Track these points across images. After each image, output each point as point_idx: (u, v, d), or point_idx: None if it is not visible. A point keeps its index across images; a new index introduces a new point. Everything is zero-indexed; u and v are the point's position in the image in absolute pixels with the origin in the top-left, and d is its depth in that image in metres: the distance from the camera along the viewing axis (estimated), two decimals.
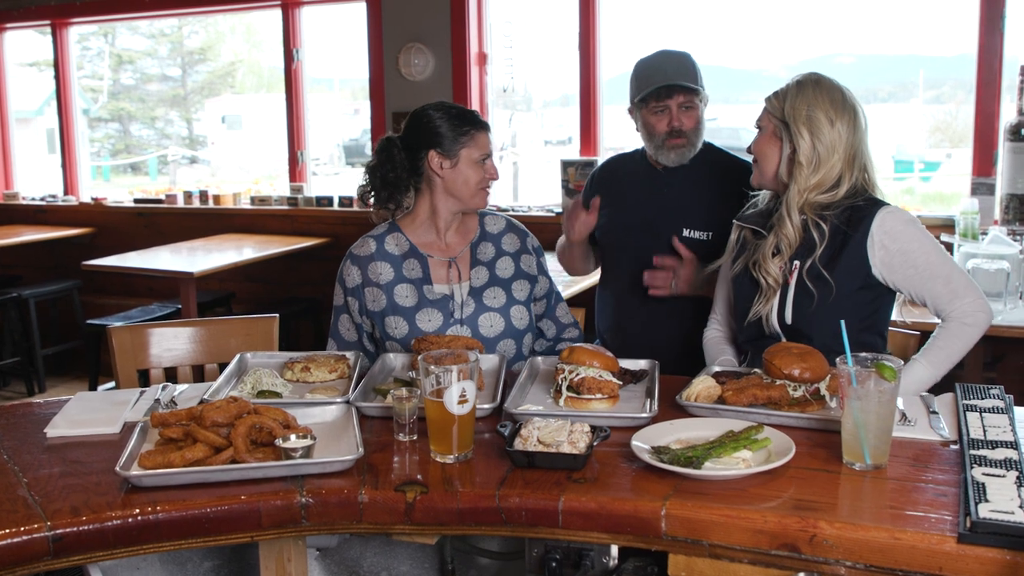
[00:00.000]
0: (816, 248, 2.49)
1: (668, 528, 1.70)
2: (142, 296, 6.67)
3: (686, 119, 3.07)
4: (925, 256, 2.46)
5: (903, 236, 2.46)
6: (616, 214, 3.25)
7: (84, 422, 2.20)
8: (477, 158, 2.78)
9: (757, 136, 2.62)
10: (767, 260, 2.54)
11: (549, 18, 6.22)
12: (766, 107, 2.59)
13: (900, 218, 2.48)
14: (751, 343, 2.65)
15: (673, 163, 3.13)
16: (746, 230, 2.69)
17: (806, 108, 2.49)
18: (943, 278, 2.46)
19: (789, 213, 2.51)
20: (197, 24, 10.70)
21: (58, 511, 1.74)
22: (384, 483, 1.85)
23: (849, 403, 1.82)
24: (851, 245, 2.47)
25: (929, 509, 1.64)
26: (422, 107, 2.84)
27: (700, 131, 3.13)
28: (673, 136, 3.08)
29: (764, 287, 2.55)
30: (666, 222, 3.14)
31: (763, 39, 7.16)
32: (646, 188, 3.22)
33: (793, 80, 2.58)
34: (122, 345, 2.98)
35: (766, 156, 2.58)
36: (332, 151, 10.62)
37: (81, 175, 7.32)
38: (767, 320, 2.55)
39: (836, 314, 2.44)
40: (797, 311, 2.51)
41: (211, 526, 1.79)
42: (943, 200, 8.23)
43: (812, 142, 2.48)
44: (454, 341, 2.47)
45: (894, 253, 2.45)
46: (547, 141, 8.01)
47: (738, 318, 2.71)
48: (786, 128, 2.52)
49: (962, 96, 8.46)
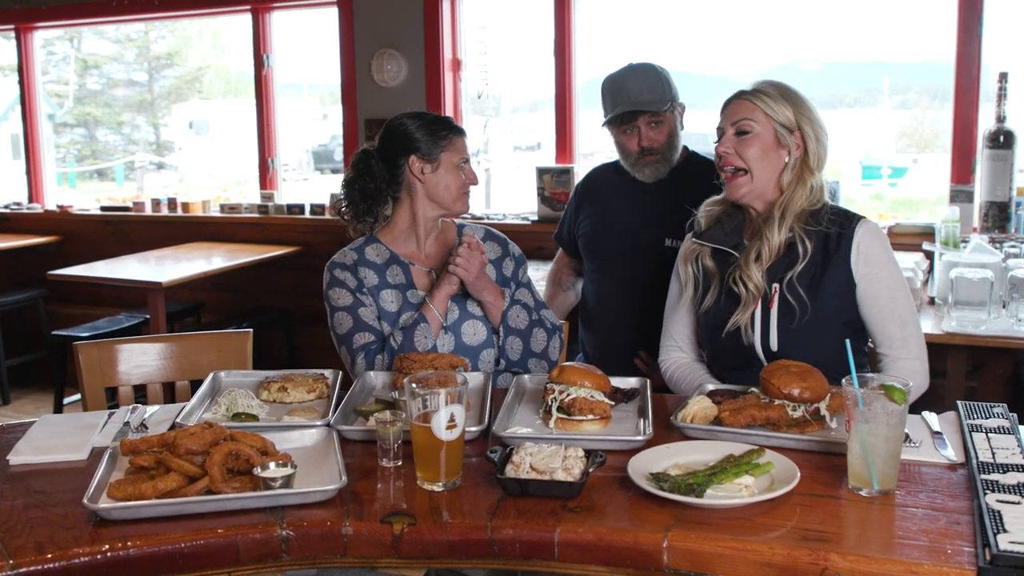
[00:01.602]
0: (797, 264, 2.42)
1: (670, 561, 1.62)
2: (110, 306, 6.51)
3: (656, 135, 3.06)
4: (891, 291, 2.43)
5: (876, 261, 2.43)
6: (599, 224, 3.20)
7: (49, 448, 2.09)
8: (456, 162, 2.75)
9: (745, 141, 2.47)
10: (749, 267, 2.46)
11: (523, 23, 6.15)
12: (760, 108, 2.46)
13: (878, 239, 2.45)
14: (731, 371, 2.56)
15: (649, 179, 3.11)
16: (705, 258, 2.59)
17: (807, 108, 2.45)
18: (900, 321, 2.43)
19: (783, 220, 2.44)
20: (164, 29, 10.54)
21: (21, 548, 1.64)
22: (369, 514, 1.76)
23: (855, 426, 1.75)
24: (835, 263, 2.41)
25: (944, 539, 1.57)
26: (396, 117, 2.81)
27: (675, 143, 3.10)
28: (645, 155, 3.06)
29: (744, 296, 2.47)
30: (649, 233, 3.10)
31: (729, 45, 7.15)
32: (628, 198, 3.18)
33: (767, 83, 2.51)
34: (89, 362, 2.86)
35: (765, 165, 2.48)
36: (301, 157, 10.49)
37: (46, 182, 7.15)
38: (746, 333, 2.46)
39: (825, 339, 2.38)
40: (783, 336, 2.44)
41: (185, 562, 1.68)
42: (912, 205, 8.25)
43: (818, 143, 2.43)
44: (438, 359, 2.38)
45: (862, 276, 2.41)
46: (516, 147, 7.94)
47: (713, 346, 2.62)
48: (791, 132, 2.45)
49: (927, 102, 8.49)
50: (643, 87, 3.04)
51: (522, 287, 2.88)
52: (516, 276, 2.89)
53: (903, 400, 1.74)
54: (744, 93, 2.52)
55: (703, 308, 2.60)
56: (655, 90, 3.04)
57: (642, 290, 3.10)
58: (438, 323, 2.66)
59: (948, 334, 3.63)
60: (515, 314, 2.75)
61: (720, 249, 2.57)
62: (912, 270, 4.05)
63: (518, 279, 2.89)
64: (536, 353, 2.75)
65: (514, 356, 2.73)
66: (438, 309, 2.67)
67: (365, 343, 2.64)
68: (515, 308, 2.76)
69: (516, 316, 2.75)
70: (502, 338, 2.72)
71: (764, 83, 2.53)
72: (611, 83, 3.11)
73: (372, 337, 2.65)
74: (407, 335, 2.61)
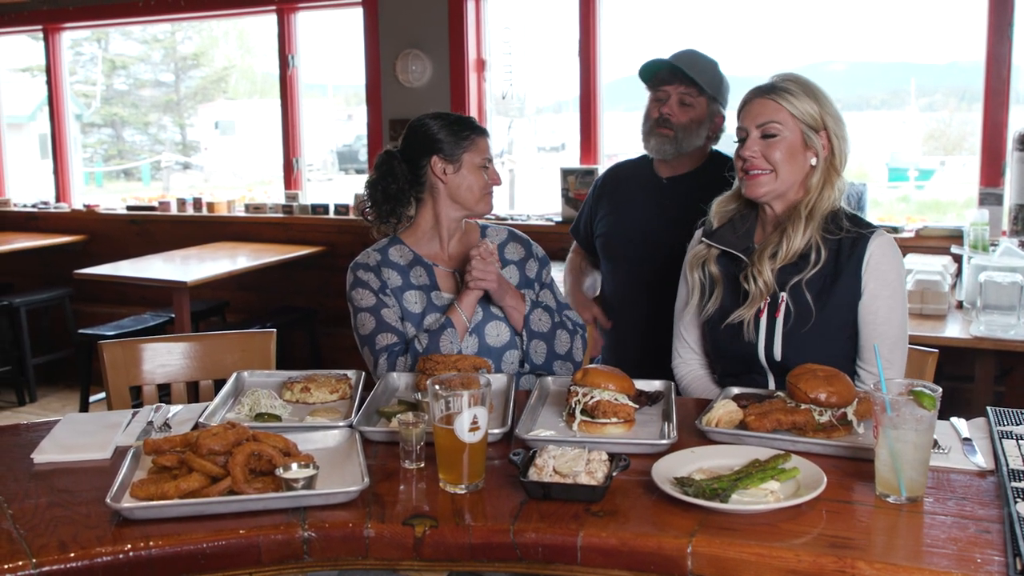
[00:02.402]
0: (807, 269, 2.38)
1: (695, 567, 1.60)
2: (135, 304, 6.55)
3: (680, 112, 3.03)
4: (889, 311, 2.39)
5: (884, 277, 2.38)
6: (617, 224, 3.17)
7: (73, 447, 2.09)
8: (479, 163, 2.74)
9: (773, 144, 2.39)
10: (762, 263, 2.41)
11: (548, 24, 6.14)
12: (787, 109, 2.38)
13: (891, 254, 2.40)
14: (733, 378, 2.51)
15: (654, 153, 3.09)
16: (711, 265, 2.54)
17: (833, 111, 2.40)
18: (889, 342, 2.39)
19: (809, 221, 2.39)
20: (190, 29, 10.60)
21: (44, 547, 1.64)
22: (391, 516, 1.75)
23: (884, 432, 1.72)
24: (847, 272, 2.38)
25: (973, 548, 1.54)
26: (418, 118, 2.80)
27: (693, 131, 3.06)
28: (660, 124, 3.03)
29: (753, 291, 2.42)
30: (668, 235, 3.06)
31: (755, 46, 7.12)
32: (648, 198, 3.15)
33: (788, 79, 2.43)
34: (114, 361, 2.87)
35: (792, 166, 2.41)
36: (326, 157, 10.52)
37: (73, 181, 7.21)
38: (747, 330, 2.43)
39: (830, 350, 2.35)
40: (787, 344, 2.41)
41: (207, 562, 1.68)
42: (939, 208, 8.18)
43: (844, 148, 2.40)
44: (461, 360, 2.37)
45: (867, 288, 2.38)
46: (540, 148, 7.93)
47: (717, 351, 2.59)
48: (816, 132, 2.40)
49: (955, 104, 8.41)
50: (697, 64, 3.04)
51: (545, 288, 2.86)
52: (540, 277, 2.87)
53: (933, 406, 1.71)
54: (766, 91, 2.42)
55: (705, 315, 2.56)
56: (705, 72, 3.02)
57: (660, 292, 3.06)
58: (464, 328, 2.65)
59: (976, 339, 3.59)
60: (537, 317, 2.73)
61: (729, 252, 2.52)
62: (940, 273, 4.01)
63: (541, 280, 2.87)
64: (560, 355, 2.73)
65: (538, 360, 2.71)
66: (465, 313, 2.66)
67: (388, 344, 2.63)
68: (537, 311, 2.74)
69: (539, 319, 2.73)
70: (525, 342, 2.71)
71: (784, 78, 2.43)
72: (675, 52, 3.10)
73: (395, 338, 2.64)
74: (433, 338, 2.61)
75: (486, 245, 2.66)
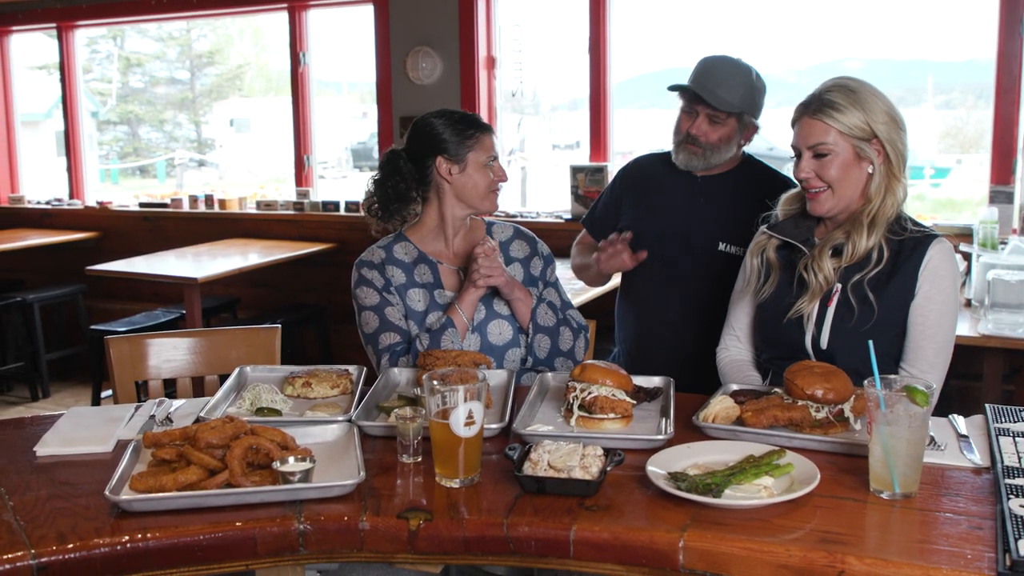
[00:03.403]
0: (869, 267, 2.38)
1: (686, 561, 1.60)
2: (147, 301, 6.60)
3: (709, 130, 2.98)
4: (940, 316, 2.39)
5: (940, 283, 2.38)
6: (647, 220, 3.12)
7: (75, 440, 2.11)
8: (484, 161, 2.73)
9: (825, 163, 2.39)
10: (823, 259, 2.41)
11: (559, 21, 6.14)
12: (834, 127, 2.36)
13: (949, 261, 2.40)
14: (777, 361, 2.52)
15: (681, 165, 3.05)
16: (769, 251, 2.56)
17: (880, 110, 2.37)
18: (936, 347, 2.40)
19: (873, 227, 2.38)
20: (205, 27, 10.66)
21: (43, 538, 1.66)
22: (386, 509, 1.76)
23: (877, 428, 1.72)
24: (903, 272, 2.37)
25: (964, 544, 1.54)
26: (423, 116, 2.80)
27: (723, 149, 3.00)
28: (688, 140, 3.00)
29: (813, 284, 2.43)
30: (702, 234, 3.03)
31: (771, 43, 7.11)
32: (681, 196, 3.09)
33: (833, 88, 2.40)
34: (120, 356, 2.90)
35: (849, 181, 2.40)
36: (340, 154, 10.55)
37: (88, 178, 7.26)
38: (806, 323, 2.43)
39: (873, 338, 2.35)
40: (835, 333, 2.41)
41: (204, 554, 1.70)
42: (954, 207, 8.14)
43: (897, 145, 2.37)
44: (461, 356, 2.38)
45: (922, 291, 2.37)
46: (555, 145, 7.94)
47: (764, 336, 2.61)
48: (869, 142, 2.37)
49: (971, 101, 8.37)
50: (724, 81, 2.95)
51: (549, 286, 2.86)
52: (544, 275, 2.87)
53: (926, 403, 1.71)
54: (813, 111, 2.41)
55: (760, 299, 2.57)
56: (733, 91, 2.94)
57: (692, 292, 3.04)
58: (464, 327, 2.65)
59: (984, 336, 3.58)
60: (543, 312, 2.74)
61: (788, 243, 2.54)
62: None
63: (546, 278, 2.87)
64: (563, 352, 2.74)
65: (542, 354, 2.72)
66: (465, 314, 2.66)
67: (390, 344, 2.65)
68: (542, 306, 2.75)
69: (544, 314, 2.74)
70: (531, 336, 2.71)
71: (830, 88, 2.41)
72: (705, 59, 3.00)
73: (398, 337, 2.66)
74: (434, 338, 2.61)
75: (488, 242, 2.66)
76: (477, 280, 2.62)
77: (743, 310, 2.66)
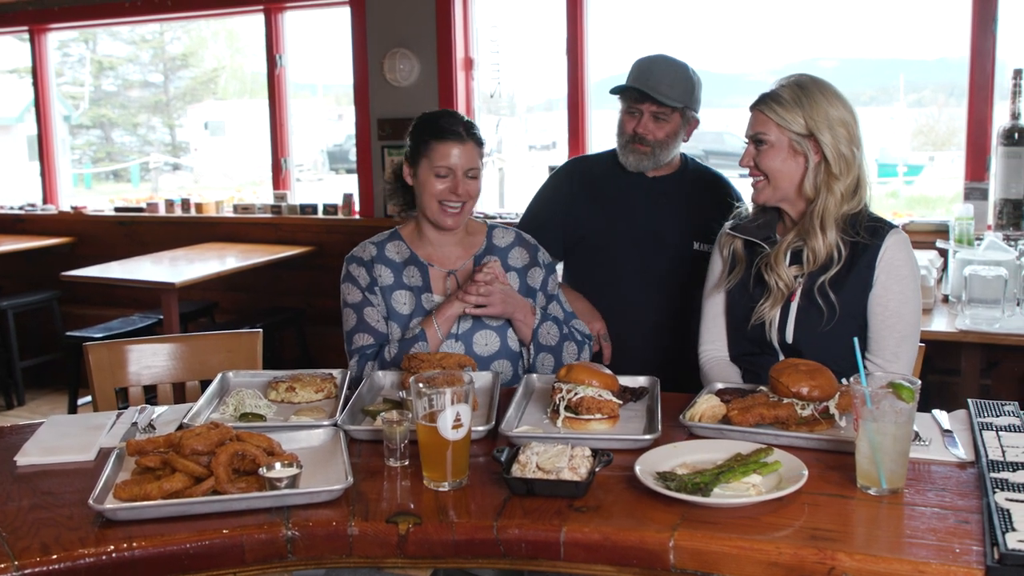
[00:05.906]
0: (831, 267, 2.42)
1: (677, 560, 1.61)
2: (124, 306, 6.53)
3: (655, 128, 3.01)
4: (899, 305, 2.42)
5: (897, 272, 2.42)
6: (611, 224, 3.11)
7: (56, 449, 2.09)
8: (433, 171, 2.62)
9: (763, 152, 2.46)
10: (780, 264, 2.46)
11: (536, 22, 6.14)
12: (772, 120, 2.44)
13: (905, 251, 2.44)
14: (747, 357, 2.57)
15: (631, 167, 3.07)
16: (736, 244, 2.60)
17: (824, 112, 2.40)
18: (898, 337, 2.42)
19: (824, 228, 2.42)
20: (179, 29, 10.57)
21: (26, 549, 1.64)
22: (375, 513, 1.75)
23: (864, 425, 1.73)
24: (860, 264, 2.40)
25: (952, 538, 1.55)
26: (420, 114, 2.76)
27: (670, 145, 3.05)
28: (635, 140, 3.02)
29: (774, 290, 2.46)
30: (676, 234, 3.05)
31: (746, 43, 7.14)
32: (641, 197, 3.10)
33: (786, 84, 2.46)
34: (99, 362, 2.87)
35: (783, 173, 2.46)
36: (316, 157, 10.51)
37: (61, 183, 7.18)
38: (769, 329, 2.47)
39: (840, 335, 2.37)
40: (799, 329, 2.44)
41: (191, 562, 1.68)
42: (927, 203, 8.20)
43: (838, 148, 2.39)
44: (446, 359, 2.37)
45: (879, 281, 2.41)
46: (531, 146, 7.94)
47: (732, 331, 2.62)
48: (806, 138, 2.42)
49: (943, 99, 8.43)
50: (666, 78, 2.98)
51: (553, 300, 2.78)
52: (545, 287, 2.78)
53: (911, 398, 1.72)
54: (758, 102, 2.49)
55: (728, 286, 2.61)
56: (674, 87, 2.97)
57: (668, 293, 3.05)
58: (437, 342, 2.57)
59: (962, 332, 3.60)
60: (546, 330, 2.66)
61: (751, 241, 2.58)
62: (926, 268, 4.02)
63: (547, 290, 2.78)
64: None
65: (544, 372, 2.65)
66: (441, 329, 2.57)
67: (361, 346, 2.62)
68: (546, 324, 2.67)
69: (547, 332, 2.66)
70: (533, 355, 2.66)
71: (782, 86, 2.47)
72: (641, 60, 3.04)
73: (371, 340, 2.62)
74: (403, 349, 2.56)
75: (495, 271, 2.57)
76: (467, 301, 2.54)
77: (715, 309, 2.68)
